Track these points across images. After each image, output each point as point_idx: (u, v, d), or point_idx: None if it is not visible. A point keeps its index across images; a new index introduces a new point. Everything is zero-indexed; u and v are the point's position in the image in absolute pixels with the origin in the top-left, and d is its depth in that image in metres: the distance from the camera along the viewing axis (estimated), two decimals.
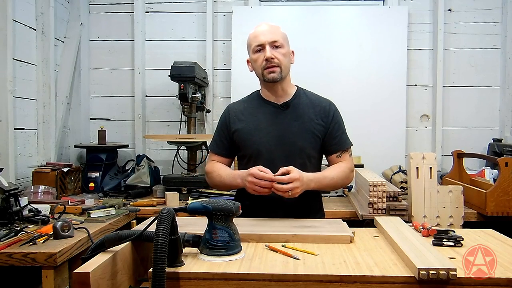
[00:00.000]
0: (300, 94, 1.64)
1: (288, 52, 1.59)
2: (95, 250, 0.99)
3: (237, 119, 1.62)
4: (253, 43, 1.56)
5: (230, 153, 1.67)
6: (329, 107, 1.63)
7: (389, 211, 2.03)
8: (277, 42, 1.53)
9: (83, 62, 3.11)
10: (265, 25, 1.58)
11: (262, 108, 1.62)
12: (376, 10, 3.05)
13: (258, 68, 1.58)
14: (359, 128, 2.96)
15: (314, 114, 1.60)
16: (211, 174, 1.62)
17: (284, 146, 1.56)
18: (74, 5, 3.05)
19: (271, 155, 1.55)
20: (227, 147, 1.65)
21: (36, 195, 2.26)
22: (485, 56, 3.01)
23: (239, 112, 1.64)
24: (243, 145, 1.60)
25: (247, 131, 1.59)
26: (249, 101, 1.68)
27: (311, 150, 1.59)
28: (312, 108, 1.61)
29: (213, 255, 1.03)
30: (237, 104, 1.70)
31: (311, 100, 1.64)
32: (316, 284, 0.94)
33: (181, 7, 3.14)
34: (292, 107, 1.60)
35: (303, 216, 1.50)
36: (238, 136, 1.61)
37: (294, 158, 1.55)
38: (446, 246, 1.16)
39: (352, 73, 2.99)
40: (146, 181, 2.70)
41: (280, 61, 1.54)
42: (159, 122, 3.19)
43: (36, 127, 2.65)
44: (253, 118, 1.61)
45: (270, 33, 1.54)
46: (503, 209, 2.08)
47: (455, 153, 2.59)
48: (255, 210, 1.50)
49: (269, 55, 1.52)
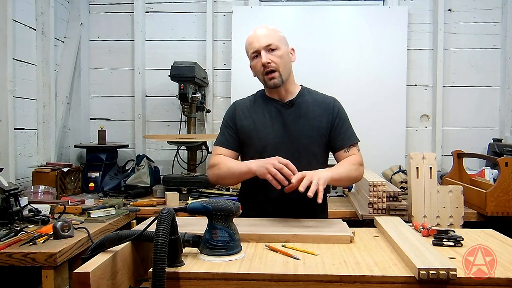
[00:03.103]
0: (304, 93, 1.65)
1: (286, 52, 1.58)
2: (95, 250, 0.99)
3: (243, 116, 1.62)
4: (249, 50, 1.58)
5: (238, 147, 1.63)
6: (333, 104, 1.63)
7: (389, 211, 2.03)
8: (271, 45, 1.53)
9: (83, 62, 3.11)
10: (259, 29, 1.58)
11: (267, 106, 1.63)
12: (376, 10, 3.05)
13: (258, 74, 1.59)
14: (359, 128, 2.90)
15: (319, 112, 1.60)
16: (218, 165, 1.54)
17: (289, 144, 1.56)
18: (74, 5, 3.05)
19: (276, 152, 1.53)
20: (236, 140, 1.62)
21: (36, 195, 2.26)
22: (485, 56, 3.01)
23: (245, 109, 1.64)
24: (248, 142, 1.60)
25: (252, 128, 1.59)
26: (254, 99, 1.68)
27: (316, 147, 1.59)
28: (317, 106, 1.61)
29: (213, 255, 1.03)
30: (243, 101, 1.70)
31: (315, 98, 1.64)
32: (316, 284, 0.94)
33: (181, 7, 3.14)
34: (296, 105, 1.61)
35: (309, 214, 1.50)
36: (243, 133, 1.61)
37: (299, 155, 1.55)
38: (446, 246, 1.16)
39: (352, 73, 2.99)
40: (146, 181, 2.70)
41: (277, 64, 1.53)
42: (159, 122, 3.19)
43: (36, 127, 2.65)
44: (258, 115, 1.61)
45: (263, 37, 1.54)
46: (503, 209, 2.08)
47: (455, 153, 2.59)
48: (263, 205, 1.53)
49: (264, 60, 1.52)
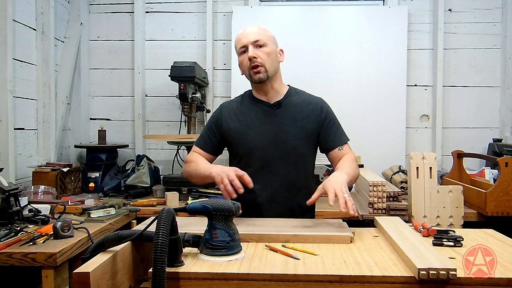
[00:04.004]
0: (291, 93, 1.64)
1: (274, 51, 1.58)
2: (95, 250, 0.99)
3: (230, 118, 1.62)
4: (238, 46, 1.58)
5: (214, 151, 1.66)
6: (321, 105, 1.63)
7: (389, 211, 2.02)
8: (259, 41, 1.54)
9: (83, 62, 3.11)
10: (249, 27, 1.60)
11: (254, 107, 1.62)
12: (376, 10, 3.05)
13: (245, 69, 1.58)
14: (359, 128, 2.97)
15: (307, 113, 1.60)
16: (190, 163, 1.60)
17: (277, 145, 1.56)
18: (74, 5, 3.05)
19: (264, 154, 1.55)
20: (214, 144, 1.64)
21: (36, 195, 2.27)
22: (485, 56, 3.01)
23: (232, 111, 1.64)
24: (236, 144, 1.60)
25: (240, 130, 1.59)
26: (241, 101, 1.68)
27: (304, 148, 1.59)
28: (304, 106, 1.61)
29: (213, 255, 1.03)
30: (230, 103, 1.70)
31: (303, 99, 1.64)
32: (316, 284, 0.94)
33: (181, 7, 3.14)
34: (284, 106, 1.60)
35: (294, 216, 1.51)
36: (231, 135, 1.60)
37: (288, 157, 1.56)
38: (446, 246, 1.16)
39: (352, 73, 2.99)
40: (146, 181, 2.70)
41: (263, 60, 1.53)
42: (159, 122, 3.19)
43: (36, 127, 2.64)
44: (245, 117, 1.61)
45: (252, 34, 1.55)
46: (503, 209, 2.08)
47: (455, 153, 2.59)
48: (245, 210, 1.50)
49: (251, 54, 1.52)
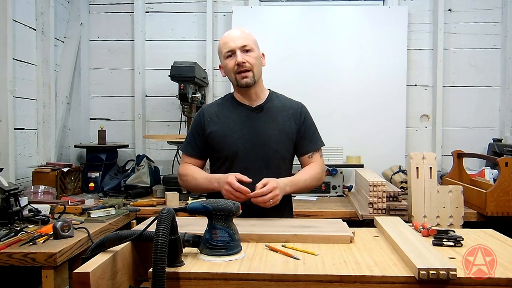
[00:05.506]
0: (272, 97, 1.67)
1: (259, 55, 1.61)
2: (95, 250, 0.99)
3: (212, 121, 1.62)
4: (224, 50, 1.58)
5: (203, 155, 1.67)
6: (301, 109, 1.67)
7: (389, 211, 2.03)
8: (247, 46, 1.56)
9: (83, 62, 3.11)
10: (235, 31, 1.61)
11: (236, 110, 1.63)
12: (376, 10, 3.05)
13: (230, 73, 1.59)
14: (359, 128, 2.97)
15: (287, 117, 1.63)
16: (186, 177, 1.61)
17: (259, 148, 1.57)
18: (74, 5, 3.05)
19: (246, 157, 1.57)
20: (201, 149, 1.65)
21: (36, 195, 2.26)
22: (485, 56, 3.01)
23: (214, 114, 1.64)
24: (218, 147, 1.60)
25: (222, 133, 1.59)
26: (223, 103, 1.68)
27: (285, 152, 1.62)
28: (285, 110, 1.64)
29: (213, 255, 1.03)
30: (211, 106, 1.71)
31: (284, 103, 1.67)
32: (316, 284, 0.94)
33: (181, 7, 3.14)
34: (265, 109, 1.63)
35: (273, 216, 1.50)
36: (213, 138, 1.60)
37: (269, 160, 1.58)
38: (446, 246, 1.16)
39: (352, 73, 2.99)
40: (146, 181, 2.70)
41: (252, 64, 1.56)
42: (159, 122, 3.19)
43: (36, 127, 2.64)
44: (227, 120, 1.61)
45: (239, 38, 1.56)
46: (503, 209, 2.08)
47: (455, 153, 2.59)
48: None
49: (240, 59, 1.53)
